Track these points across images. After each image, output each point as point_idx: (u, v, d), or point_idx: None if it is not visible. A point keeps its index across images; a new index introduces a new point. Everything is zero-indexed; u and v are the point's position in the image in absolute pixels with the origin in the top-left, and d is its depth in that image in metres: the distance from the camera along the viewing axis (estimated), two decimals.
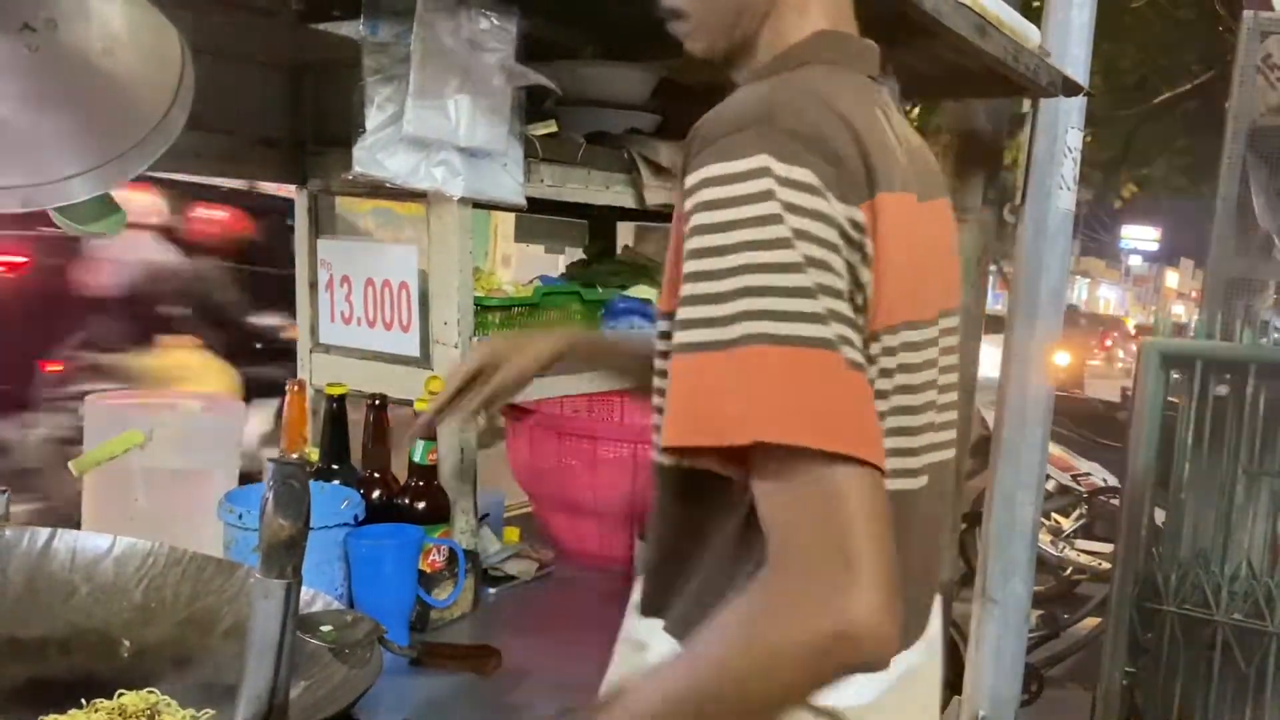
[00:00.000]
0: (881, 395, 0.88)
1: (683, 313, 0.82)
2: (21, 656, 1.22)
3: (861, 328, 0.84)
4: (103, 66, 1.38)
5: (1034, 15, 2.50)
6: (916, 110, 6.26)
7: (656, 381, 0.95)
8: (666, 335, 0.91)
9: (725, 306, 0.79)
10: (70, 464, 1.56)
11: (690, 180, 0.85)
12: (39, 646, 1.23)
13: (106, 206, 1.50)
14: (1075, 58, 2.53)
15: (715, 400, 0.78)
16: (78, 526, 1.56)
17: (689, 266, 0.82)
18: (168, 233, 5.50)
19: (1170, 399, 2.84)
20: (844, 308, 0.81)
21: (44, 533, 1.31)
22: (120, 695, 1.13)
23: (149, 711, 1.10)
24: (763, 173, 0.80)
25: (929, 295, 0.96)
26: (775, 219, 0.79)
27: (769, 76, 0.95)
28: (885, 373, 0.88)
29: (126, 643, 1.24)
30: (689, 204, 0.84)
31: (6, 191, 1.41)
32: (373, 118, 1.49)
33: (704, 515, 0.93)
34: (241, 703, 0.87)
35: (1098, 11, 2.61)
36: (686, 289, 0.82)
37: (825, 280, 0.80)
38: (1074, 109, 2.56)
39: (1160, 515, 2.84)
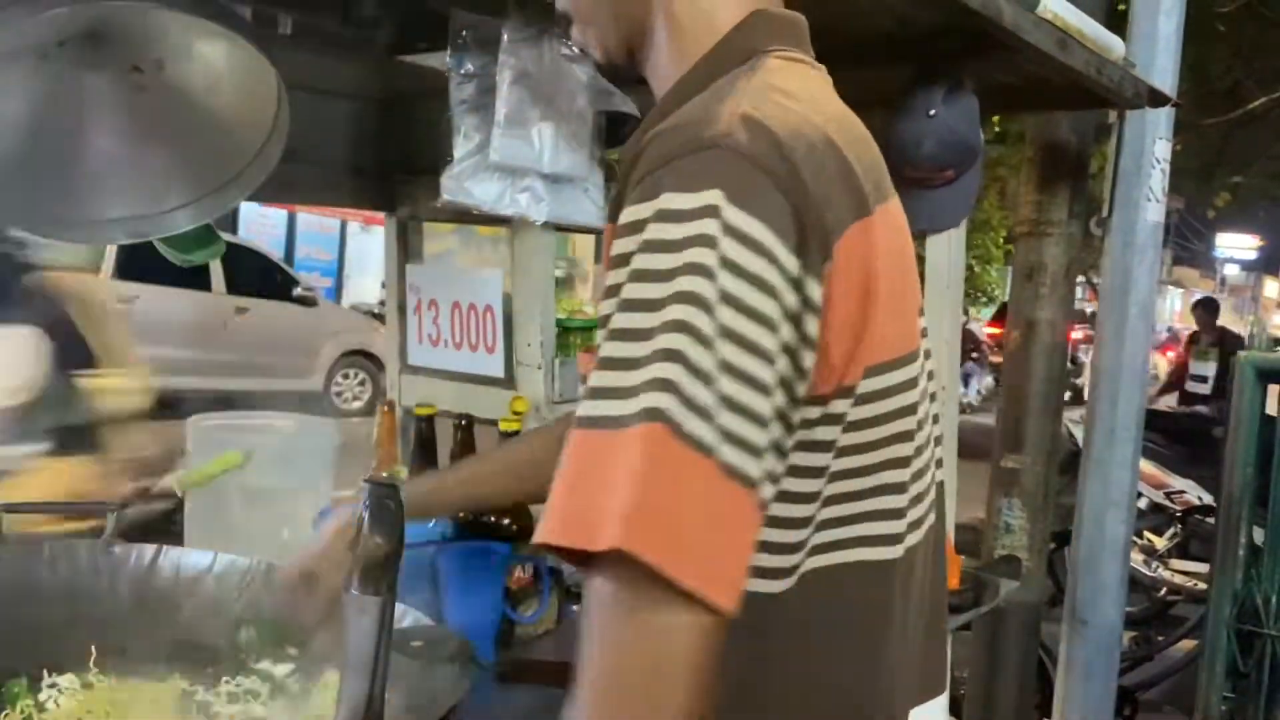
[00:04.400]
0: (853, 450, 0.75)
1: (594, 378, 0.66)
2: (131, 668, 1.28)
3: (790, 421, 0.70)
4: (205, 104, 1.44)
5: (1120, 22, 2.47)
6: (996, 120, 6.17)
7: None
8: None
9: (638, 374, 0.64)
10: (174, 482, 1.62)
11: (633, 211, 0.69)
12: (147, 658, 1.29)
13: (207, 236, 1.57)
14: (1162, 67, 2.48)
15: (594, 493, 0.63)
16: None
17: (615, 321, 0.66)
18: None
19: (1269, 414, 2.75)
20: (753, 399, 0.65)
21: (150, 549, 1.36)
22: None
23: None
24: (711, 212, 0.66)
25: (913, 321, 0.80)
26: (706, 272, 0.65)
27: (716, 76, 0.78)
28: (859, 424, 0.74)
29: (229, 656, 1.29)
30: (629, 242, 0.68)
31: (115, 223, 1.49)
32: (460, 147, 1.53)
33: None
34: (339, 717, 0.90)
35: (1187, 15, 2.55)
36: (605, 349, 0.66)
37: (741, 362, 0.65)
38: (1161, 119, 2.51)
39: (1259, 535, 2.75)
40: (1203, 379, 7.23)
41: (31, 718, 1.16)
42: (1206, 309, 8.06)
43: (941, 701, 0.89)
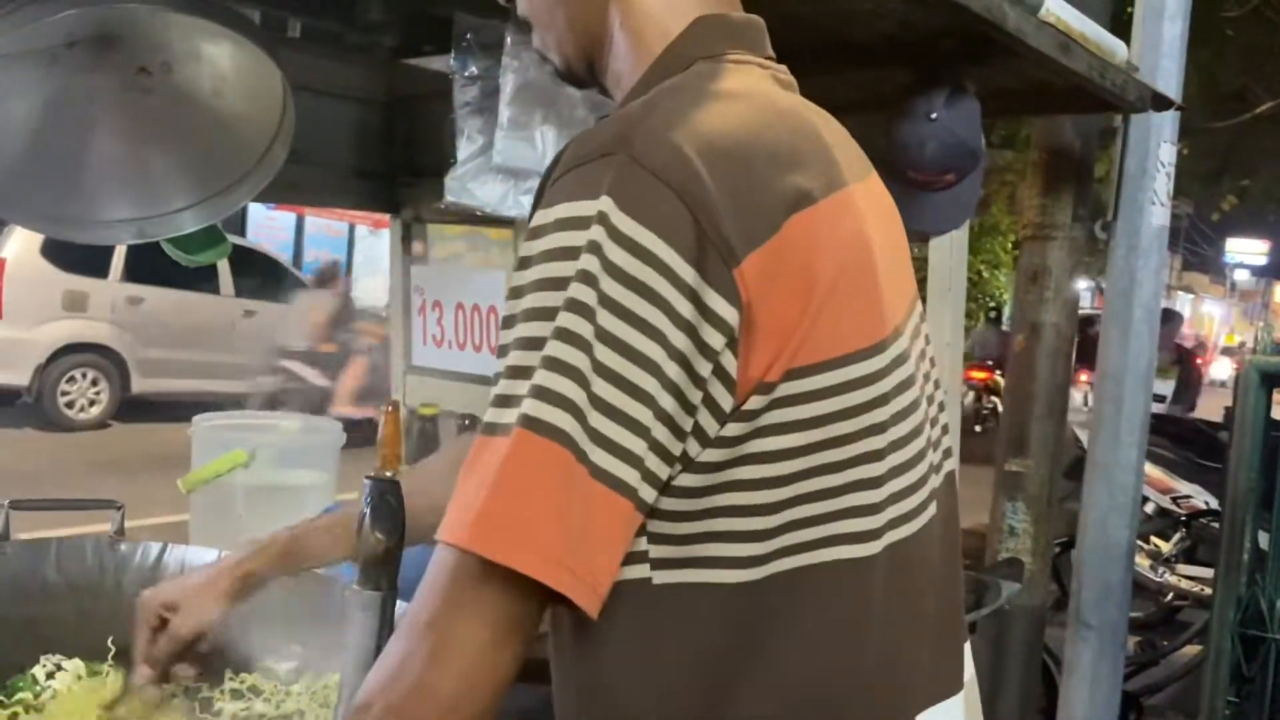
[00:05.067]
0: (814, 448, 0.73)
1: (496, 386, 0.69)
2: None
3: (681, 429, 0.69)
4: (211, 106, 1.46)
5: (1126, 27, 2.47)
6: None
7: None
8: None
9: (524, 383, 0.66)
10: (179, 482, 1.63)
11: (537, 216, 0.70)
12: None
13: (213, 237, 1.58)
14: (1167, 70, 2.48)
15: (460, 495, 0.68)
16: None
17: (517, 330, 0.68)
18: None
19: (1274, 418, 2.74)
20: (628, 404, 0.66)
21: (156, 547, 1.38)
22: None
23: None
24: (600, 219, 0.67)
25: (877, 312, 0.77)
26: (590, 279, 0.66)
27: (657, 81, 0.78)
28: (815, 422, 0.72)
29: (232, 652, 1.30)
30: (531, 246, 0.69)
31: (122, 224, 1.51)
32: (463, 149, 1.54)
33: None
34: (339, 712, 0.91)
35: (1194, 19, 2.55)
36: (508, 358, 0.68)
37: (618, 367, 0.66)
38: (1167, 123, 2.51)
39: (1264, 539, 2.75)
40: (1159, 398, 6.51)
41: (17, 715, 1.16)
42: (1168, 322, 7.61)
43: (956, 702, 0.86)
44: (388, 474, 1.71)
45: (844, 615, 0.76)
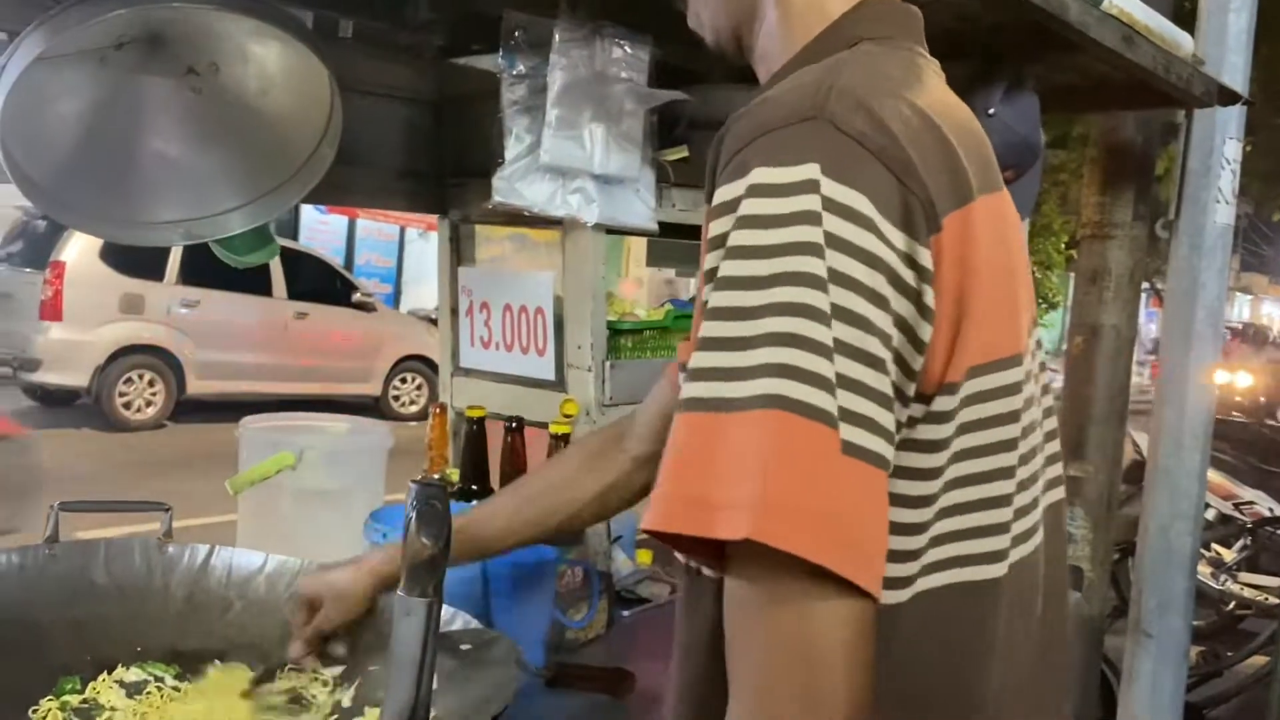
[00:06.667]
0: (958, 457, 0.71)
1: (696, 359, 0.64)
2: (181, 666, 1.28)
3: (906, 396, 0.67)
4: (259, 106, 1.46)
5: (1189, 19, 2.40)
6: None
7: None
8: None
9: (749, 355, 0.62)
10: (226, 483, 1.64)
11: (726, 190, 0.67)
12: (196, 657, 1.30)
13: (261, 238, 1.58)
14: (1233, 64, 2.41)
15: (710, 477, 0.61)
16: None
17: (715, 299, 0.65)
18: None
19: None
20: (874, 377, 0.63)
21: (203, 549, 1.37)
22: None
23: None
24: (810, 187, 0.64)
25: (1018, 323, 0.75)
26: (815, 250, 0.63)
27: (819, 59, 0.76)
28: (963, 428, 0.70)
29: (278, 656, 1.29)
30: (726, 221, 0.66)
31: (171, 225, 1.51)
32: (511, 148, 1.53)
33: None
34: (385, 718, 0.90)
35: (1259, 11, 2.48)
36: (706, 328, 0.65)
37: (858, 341, 0.63)
38: (1232, 118, 2.44)
39: None
40: None
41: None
42: None
43: None
44: (434, 476, 1.71)
45: (970, 637, 0.74)
